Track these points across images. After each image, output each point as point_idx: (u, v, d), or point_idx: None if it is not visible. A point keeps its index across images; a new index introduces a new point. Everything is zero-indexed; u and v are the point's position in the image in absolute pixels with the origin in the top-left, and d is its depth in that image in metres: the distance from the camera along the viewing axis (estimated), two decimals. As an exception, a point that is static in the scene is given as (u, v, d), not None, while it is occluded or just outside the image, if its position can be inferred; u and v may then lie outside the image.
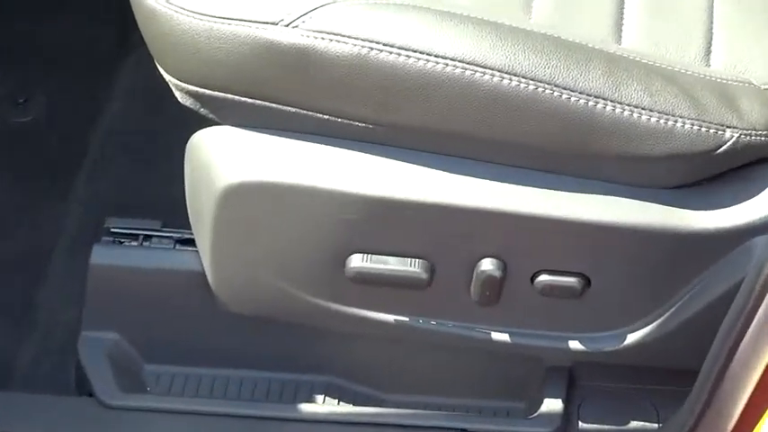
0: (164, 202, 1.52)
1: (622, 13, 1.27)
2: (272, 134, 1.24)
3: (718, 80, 1.22)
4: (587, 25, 1.25)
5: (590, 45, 1.21)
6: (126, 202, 1.70)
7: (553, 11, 1.26)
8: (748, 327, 1.12)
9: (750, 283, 1.11)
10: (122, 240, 1.45)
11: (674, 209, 1.22)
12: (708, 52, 1.26)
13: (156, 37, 1.23)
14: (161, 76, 1.27)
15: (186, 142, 1.30)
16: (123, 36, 1.79)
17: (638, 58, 1.21)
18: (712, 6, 1.29)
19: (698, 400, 1.23)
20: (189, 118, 1.27)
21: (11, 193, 1.74)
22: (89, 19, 1.89)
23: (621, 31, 1.26)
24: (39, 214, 1.72)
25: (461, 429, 1.45)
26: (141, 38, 1.27)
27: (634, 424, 1.46)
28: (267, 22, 1.17)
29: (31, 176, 1.76)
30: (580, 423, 1.47)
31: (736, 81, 1.23)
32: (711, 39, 1.27)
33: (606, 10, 1.27)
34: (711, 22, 1.28)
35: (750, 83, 1.23)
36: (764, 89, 1.23)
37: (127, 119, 1.80)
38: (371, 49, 1.16)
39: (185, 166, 1.32)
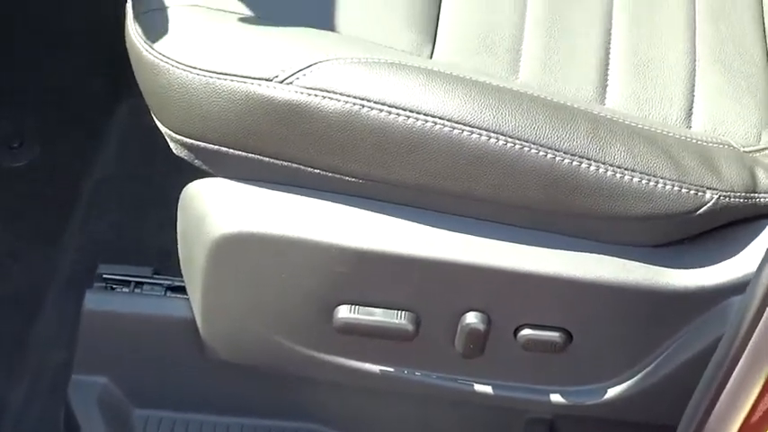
0: (156, 249, 1.55)
1: (607, 75, 1.30)
2: (265, 187, 1.26)
3: (699, 142, 1.25)
4: (573, 86, 1.28)
5: (575, 106, 1.24)
6: (118, 248, 1.72)
7: (540, 71, 1.29)
8: (726, 384, 1.14)
9: (728, 342, 1.13)
10: (114, 286, 1.47)
11: (654, 267, 1.24)
12: (689, 114, 1.29)
13: (153, 89, 1.25)
14: (156, 125, 1.29)
15: (179, 191, 1.31)
16: (119, 83, 1.80)
17: (621, 120, 1.24)
18: (694, 69, 1.32)
19: (676, 454, 1.25)
20: (182, 167, 1.29)
21: (4, 235, 1.76)
22: (85, 65, 1.91)
23: (606, 92, 1.29)
24: (31, 257, 1.73)
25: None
26: (137, 86, 1.29)
27: None
28: (262, 79, 1.19)
29: (24, 220, 1.78)
30: (560, 475, 1.49)
31: (716, 143, 1.25)
32: (693, 101, 1.30)
33: (591, 71, 1.30)
34: (693, 85, 1.31)
35: (730, 145, 1.26)
36: (743, 151, 1.26)
37: (121, 166, 1.82)
38: (363, 106, 1.18)
39: (178, 215, 1.33)
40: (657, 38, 1.34)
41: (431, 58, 1.27)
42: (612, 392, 1.33)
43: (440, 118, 1.18)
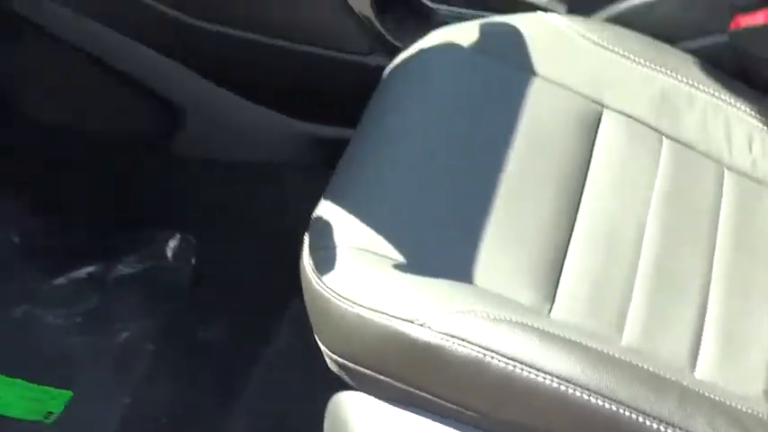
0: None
1: (699, 344, 1.44)
2: (397, 406, 1.40)
3: (776, 421, 1.38)
4: (668, 350, 1.42)
5: (667, 376, 1.38)
6: (281, 428, 1.89)
7: (640, 334, 1.43)
8: None
9: None
10: None
11: None
12: None
13: (315, 312, 1.43)
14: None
15: (331, 392, 1.48)
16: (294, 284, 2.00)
17: (707, 393, 1.38)
18: None
19: None
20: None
21: (186, 397, 1.93)
22: (271, 258, 2.04)
23: (696, 360, 1.43)
24: (206, 423, 1.91)
25: None
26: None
27: None
28: (405, 319, 1.35)
29: (204, 388, 1.94)
30: None
31: (793, 423, 1.38)
32: None
33: (686, 338, 1.44)
34: None
35: (806, 426, 1.38)
36: (814, 431, 1.38)
37: (290, 356, 1.99)
38: (486, 355, 1.33)
39: (325, 415, 1.51)
40: (749, 313, 1.47)
41: (549, 314, 1.43)
42: None
43: (549, 374, 1.33)
